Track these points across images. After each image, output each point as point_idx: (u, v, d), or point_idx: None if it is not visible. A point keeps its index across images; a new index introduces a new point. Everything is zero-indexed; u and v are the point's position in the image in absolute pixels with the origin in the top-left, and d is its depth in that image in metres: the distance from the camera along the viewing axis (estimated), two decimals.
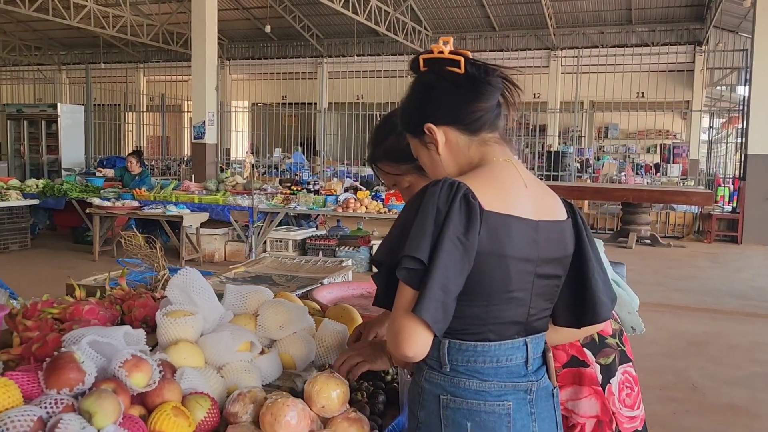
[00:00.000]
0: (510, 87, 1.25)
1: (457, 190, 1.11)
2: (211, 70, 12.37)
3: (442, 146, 1.24)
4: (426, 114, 1.24)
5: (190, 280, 1.57)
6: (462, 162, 1.25)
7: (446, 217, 1.09)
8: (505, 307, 1.17)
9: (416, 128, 1.27)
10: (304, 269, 2.72)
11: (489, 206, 1.13)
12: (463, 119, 1.22)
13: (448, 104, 1.23)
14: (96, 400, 1.11)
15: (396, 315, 1.12)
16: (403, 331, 1.10)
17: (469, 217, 1.10)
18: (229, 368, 1.46)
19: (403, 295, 1.11)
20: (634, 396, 1.69)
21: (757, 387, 4.04)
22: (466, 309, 1.15)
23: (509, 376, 1.19)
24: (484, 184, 1.16)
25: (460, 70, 1.20)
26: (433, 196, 1.11)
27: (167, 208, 7.51)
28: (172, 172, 16.50)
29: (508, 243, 1.14)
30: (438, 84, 1.23)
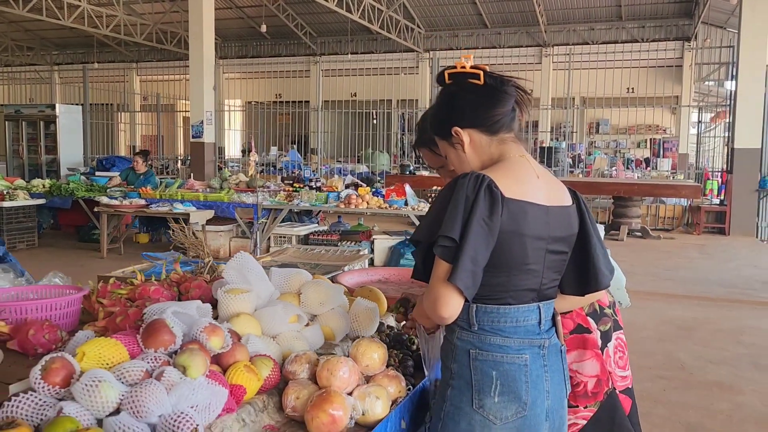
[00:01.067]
0: (522, 94, 1.51)
1: (482, 181, 1.36)
2: (208, 70, 12.55)
3: (467, 146, 1.50)
4: (453, 119, 1.50)
5: (244, 263, 1.81)
6: (484, 158, 1.50)
7: (473, 203, 1.33)
8: (522, 277, 1.42)
9: (445, 131, 1.52)
10: (326, 258, 2.96)
11: (509, 194, 1.37)
12: (485, 122, 1.48)
13: (471, 110, 1.48)
14: (189, 356, 1.35)
15: (434, 284, 1.36)
16: (441, 297, 1.34)
17: (493, 203, 1.35)
18: (283, 337, 1.70)
19: (440, 268, 1.35)
20: (625, 359, 1.97)
21: (741, 366, 4.31)
22: (491, 278, 1.40)
23: (526, 334, 1.44)
24: (504, 176, 1.41)
25: (480, 82, 1.46)
26: (463, 187, 1.36)
27: (174, 206, 7.71)
28: (170, 171, 16.68)
29: (524, 224, 1.39)
30: (462, 94, 1.49)
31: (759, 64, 10.81)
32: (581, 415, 1.92)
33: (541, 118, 18.33)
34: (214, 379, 1.36)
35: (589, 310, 1.93)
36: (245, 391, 1.42)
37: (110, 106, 20.94)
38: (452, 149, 1.53)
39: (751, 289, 6.82)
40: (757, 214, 11.01)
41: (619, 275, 2.08)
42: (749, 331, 5.17)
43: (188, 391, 1.26)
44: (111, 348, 1.34)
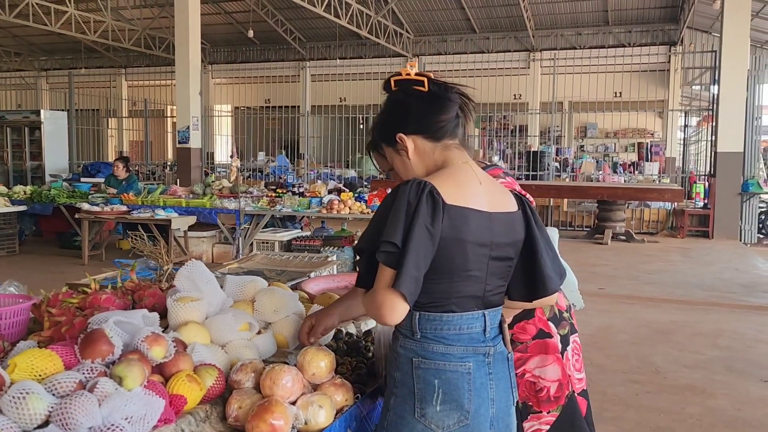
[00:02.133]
0: (466, 101, 1.52)
1: (424, 187, 1.37)
2: (194, 75, 12.54)
3: (411, 152, 1.50)
4: (397, 126, 1.51)
5: (196, 271, 1.80)
6: (428, 164, 1.50)
7: (415, 210, 1.34)
8: (465, 284, 1.43)
9: (390, 138, 1.53)
10: (293, 264, 2.95)
11: (450, 200, 1.38)
12: (429, 129, 1.49)
13: (415, 117, 1.49)
14: (126, 366, 1.34)
15: (378, 291, 1.36)
16: (385, 303, 1.34)
17: (434, 209, 1.35)
18: (232, 345, 1.69)
19: (383, 274, 1.36)
20: (581, 361, 1.99)
21: (715, 369, 4.33)
22: (433, 285, 1.40)
23: (470, 341, 1.44)
24: (446, 183, 1.41)
25: (424, 89, 1.47)
26: (405, 193, 1.37)
27: (155, 212, 7.68)
28: (157, 177, 16.62)
29: (466, 230, 1.39)
30: (407, 100, 1.50)
31: (740, 68, 10.91)
32: (545, 421, 1.93)
33: (530, 123, 18.41)
34: (152, 390, 1.35)
35: (550, 315, 1.95)
36: (186, 401, 1.41)
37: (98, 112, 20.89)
38: (397, 155, 1.54)
39: (731, 293, 6.85)
40: (739, 218, 11.08)
41: (571, 278, 2.10)
42: (726, 334, 5.20)
43: (121, 402, 1.25)
44: (45, 359, 1.33)
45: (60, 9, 15.10)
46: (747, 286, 7.15)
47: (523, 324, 1.95)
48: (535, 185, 12.09)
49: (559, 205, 12.75)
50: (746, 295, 6.74)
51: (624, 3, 17.69)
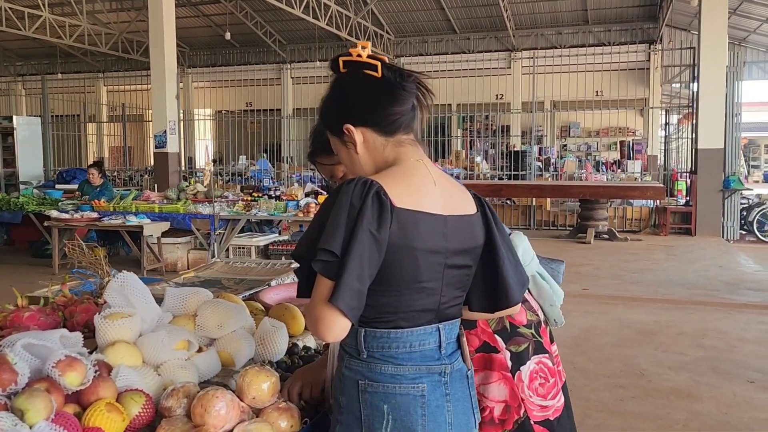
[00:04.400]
0: (424, 91, 1.35)
1: (370, 187, 1.20)
2: (170, 78, 12.29)
3: (360, 146, 1.33)
4: (345, 115, 1.33)
5: (128, 284, 1.63)
6: (378, 161, 1.34)
7: (359, 213, 1.17)
8: (416, 297, 1.26)
9: (336, 127, 1.36)
10: (254, 272, 2.78)
11: (399, 203, 1.22)
12: (380, 121, 1.32)
13: (365, 106, 1.31)
14: (27, 398, 1.17)
15: (314, 304, 1.20)
16: (322, 319, 1.18)
17: (381, 213, 1.19)
18: (166, 366, 1.52)
19: (320, 286, 1.19)
20: (549, 386, 1.75)
21: (700, 371, 4.22)
22: (379, 298, 1.24)
23: (423, 360, 1.28)
24: (396, 183, 1.25)
25: (377, 74, 1.29)
26: (347, 194, 1.20)
27: (127, 218, 7.46)
28: (135, 183, 16.33)
29: (417, 237, 1.23)
30: (356, 86, 1.32)
31: (719, 65, 10.88)
32: None
33: (513, 123, 18.34)
34: (60, 424, 1.19)
35: (497, 327, 1.74)
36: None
37: (77, 117, 20.53)
38: (343, 147, 1.37)
39: (715, 290, 6.77)
40: (722, 214, 11.04)
41: (555, 291, 1.88)
42: (711, 333, 5.09)
43: None
44: None
45: (34, 13, 14.77)
46: (731, 284, 7.07)
47: (466, 334, 1.75)
48: (519, 185, 12.00)
49: (542, 205, 12.66)
50: (730, 293, 6.65)
51: (603, 2, 17.70)
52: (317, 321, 1.19)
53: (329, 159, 1.74)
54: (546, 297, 1.86)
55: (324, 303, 1.18)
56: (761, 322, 5.45)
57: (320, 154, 1.77)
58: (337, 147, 1.40)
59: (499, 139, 16.44)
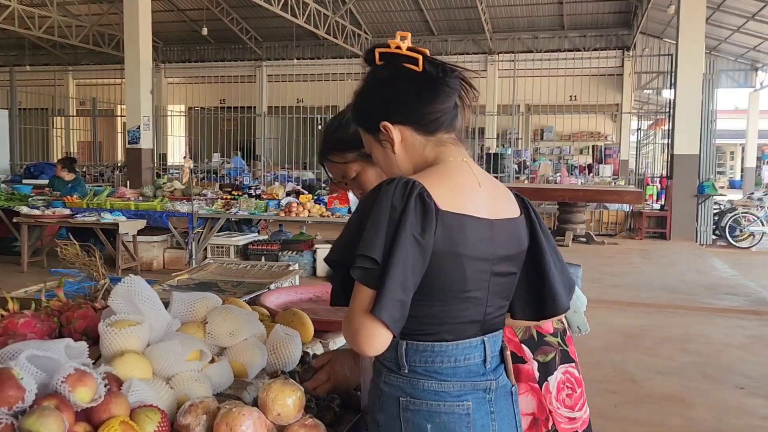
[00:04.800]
0: (467, 88, 1.25)
1: (412, 188, 1.11)
2: (145, 73, 12.03)
3: (397, 145, 1.23)
4: (382, 111, 1.23)
5: (134, 289, 1.51)
6: (417, 161, 1.24)
7: (402, 216, 1.08)
8: (461, 307, 1.18)
9: (371, 124, 1.26)
10: (250, 274, 2.67)
11: (444, 206, 1.13)
12: (420, 119, 1.22)
13: (405, 103, 1.22)
14: (38, 418, 1.05)
15: (353, 314, 1.11)
16: (361, 331, 1.09)
17: (425, 217, 1.10)
18: (179, 378, 1.41)
19: (360, 295, 1.10)
20: (576, 397, 1.68)
21: (689, 376, 4.22)
22: (423, 309, 1.15)
23: (468, 375, 1.19)
24: (439, 184, 1.15)
25: (417, 68, 1.20)
26: (387, 195, 1.10)
27: (102, 215, 7.23)
28: (106, 179, 15.95)
29: (463, 242, 1.14)
30: (395, 81, 1.22)
31: (696, 73, 11.03)
32: None
33: (488, 125, 18.41)
34: None
35: (524, 336, 1.66)
36: None
37: (44, 111, 19.98)
38: (378, 146, 1.27)
39: (693, 294, 6.84)
40: (696, 219, 11.21)
41: (580, 296, 1.81)
42: (695, 338, 5.12)
43: None
44: None
45: (2, 3, 14.31)
46: (709, 288, 7.15)
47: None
48: None
49: None
50: (709, 297, 6.72)
51: (579, 8, 17.89)
52: (356, 333, 1.10)
53: (341, 157, 1.64)
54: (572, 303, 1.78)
55: (364, 314, 1.09)
56: (742, 327, 5.50)
57: (332, 151, 1.66)
58: (370, 145, 1.30)
59: (476, 141, 16.48)
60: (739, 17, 15.70)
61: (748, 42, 18.09)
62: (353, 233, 1.14)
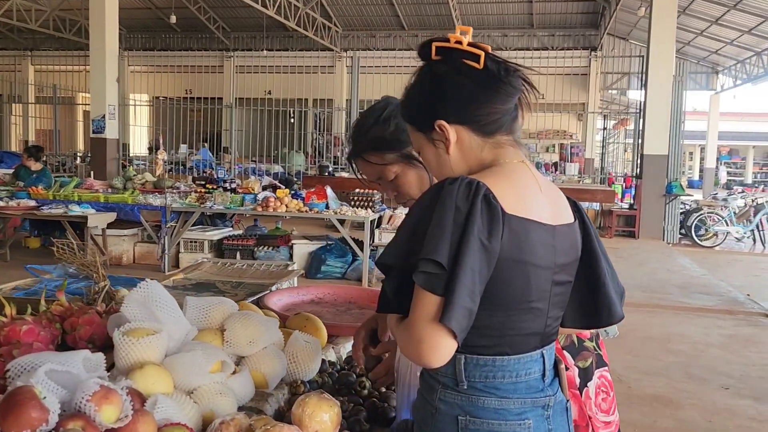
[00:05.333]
0: (528, 88, 1.19)
1: (477, 189, 1.04)
2: (111, 60, 11.66)
3: (453, 145, 1.16)
4: (438, 110, 1.15)
5: (151, 294, 1.40)
6: (472, 163, 1.17)
7: (468, 218, 1.01)
8: (524, 318, 1.11)
9: (425, 123, 1.17)
10: (248, 274, 2.55)
11: (510, 209, 1.06)
12: (479, 120, 1.15)
13: (463, 102, 1.14)
14: None
15: (416, 323, 1.02)
16: (427, 341, 1.01)
17: (492, 220, 1.03)
18: (202, 392, 1.30)
19: (424, 302, 1.02)
20: (610, 401, 1.66)
21: (675, 377, 4.25)
22: (484, 320, 1.07)
23: (528, 391, 1.12)
24: (503, 185, 1.08)
25: (478, 65, 1.12)
26: (451, 196, 1.03)
27: (69, 207, 6.95)
28: (67, 169, 15.44)
29: (528, 249, 1.08)
30: (454, 78, 1.14)
31: (666, 75, 11.20)
32: None
33: None
34: None
35: (566, 343, 1.62)
36: None
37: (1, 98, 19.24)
38: (430, 146, 1.19)
39: (668, 294, 6.93)
40: (663, 218, 11.41)
41: None
42: (675, 338, 5.18)
43: None
44: None
45: None
46: (682, 287, 7.26)
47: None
48: None
49: None
50: (683, 296, 6.83)
51: (548, 8, 18.05)
52: (420, 342, 1.02)
53: (380, 158, 1.53)
54: None
55: (430, 322, 1.01)
56: (720, 327, 5.59)
57: (369, 151, 1.56)
58: (420, 144, 1.21)
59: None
60: (703, 21, 16.05)
61: (710, 45, 18.53)
62: (411, 236, 1.06)
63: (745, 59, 18.37)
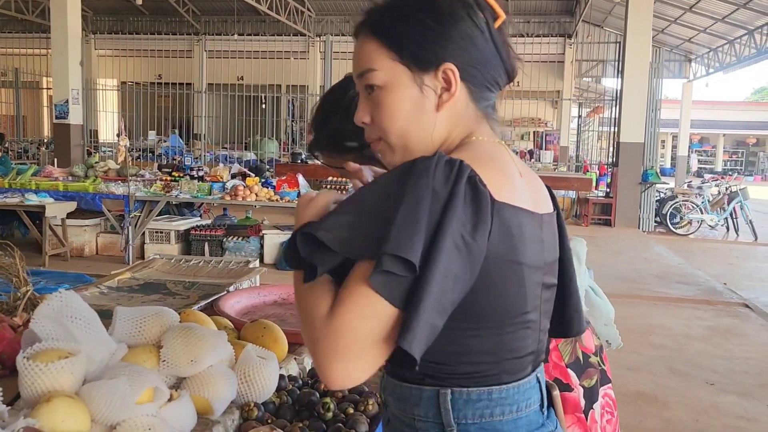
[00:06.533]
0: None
1: (460, 171, 0.79)
2: (74, 42, 11.20)
3: (448, 104, 0.90)
4: (448, 50, 0.89)
5: (66, 307, 1.16)
6: (453, 133, 0.92)
7: (446, 206, 0.77)
8: (520, 335, 0.89)
9: (426, 60, 0.89)
10: (204, 273, 2.31)
11: (500, 196, 0.82)
12: (484, 81, 0.93)
13: (477, 54, 0.91)
14: None
15: (344, 327, 0.76)
16: (358, 364, 0.77)
17: (478, 210, 0.79)
18: (127, 427, 1.07)
19: (370, 310, 0.76)
20: (614, 422, 1.49)
21: (658, 372, 4.12)
22: (473, 342, 0.85)
23: (529, 427, 0.90)
24: (489, 166, 0.85)
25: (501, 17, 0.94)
26: (426, 176, 0.78)
27: (26, 196, 6.60)
28: (31, 156, 14.91)
29: (522, 246, 0.85)
30: (469, 30, 0.91)
31: (643, 63, 11.11)
32: None
33: None
34: None
35: (570, 360, 1.43)
36: None
37: None
38: (413, 92, 0.89)
39: (647, 284, 6.84)
40: (639, 206, 11.37)
41: (607, 306, 1.60)
42: (656, 330, 5.06)
43: None
44: None
45: None
46: (660, 277, 7.18)
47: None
48: None
49: None
50: (662, 286, 6.74)
51: None
52: (336, 353, 0.76)
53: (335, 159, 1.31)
54: (600, 315, 1.57)
55: (372, 339, 0.76)
56: (700, 318, 5.49)
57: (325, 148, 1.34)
58: (399, 83, 0.89)
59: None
60: (677, 8, 16.02)
61: (684, 33, 18.55)
62: (369, 219, 0.79)
63: (718, 47, 18.44)
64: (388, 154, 0.93)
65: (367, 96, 0.92)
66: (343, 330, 0.76)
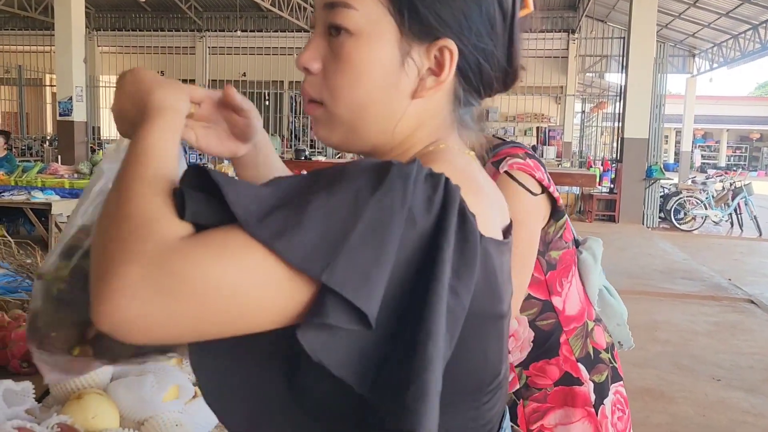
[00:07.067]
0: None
1: (447, 193, 0.56)
2: (78, 40, 11.23)
3: (432, 90, 0.67)
4: (458, 26, 0.66)
5: None
6: (417, 133, 0.69)
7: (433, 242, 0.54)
8: (496, 398, 0.67)
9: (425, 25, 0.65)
10: None
11: (486, 229, 0.60)
12: (483, 80, 0.71)
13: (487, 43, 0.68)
14: None
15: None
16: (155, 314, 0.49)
17: (465, 250, 0.56)
18: (154, 425, 1.09)
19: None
20: (625, 420, 1.50)
21: (664, 368, 4.14)
22: (450, 418, 0.61)
23: None
24: (472, 189, 0.62)
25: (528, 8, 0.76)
26: (403, 188, 0.53)
27: (32, 194, 6.62)
28: (34, 152, 14.94)
29: (504, 293, 0.65)
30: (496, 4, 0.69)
31: (647, 58, 11.10)
32: None
33: None
34: None
35: (581, 354, 1.45)
36: None
37: None
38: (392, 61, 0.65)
39: (651, 279, 6.85)
40: (643, 202, 11.38)
41: (621, 308, 1.61)
42: (662, 326, 5.07)
43: None
44: None
45: None
46: (664, 273, 7.19)
47: (543, 364, 1.44)
48: None
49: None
50: (666, 282, 6.75)
51: None
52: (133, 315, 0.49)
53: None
54: (613, 315, 1.58)
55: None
56: (705, 314, 5.51)
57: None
58: (378, 41, 0.65)
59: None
60: (681, 3, 15.98)
61: (688, 28, 18.50)
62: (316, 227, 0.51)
63: (722, 42, 18.40)
64: (324, 126, 0.69)
65: (326, 37, 0.68)
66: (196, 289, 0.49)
